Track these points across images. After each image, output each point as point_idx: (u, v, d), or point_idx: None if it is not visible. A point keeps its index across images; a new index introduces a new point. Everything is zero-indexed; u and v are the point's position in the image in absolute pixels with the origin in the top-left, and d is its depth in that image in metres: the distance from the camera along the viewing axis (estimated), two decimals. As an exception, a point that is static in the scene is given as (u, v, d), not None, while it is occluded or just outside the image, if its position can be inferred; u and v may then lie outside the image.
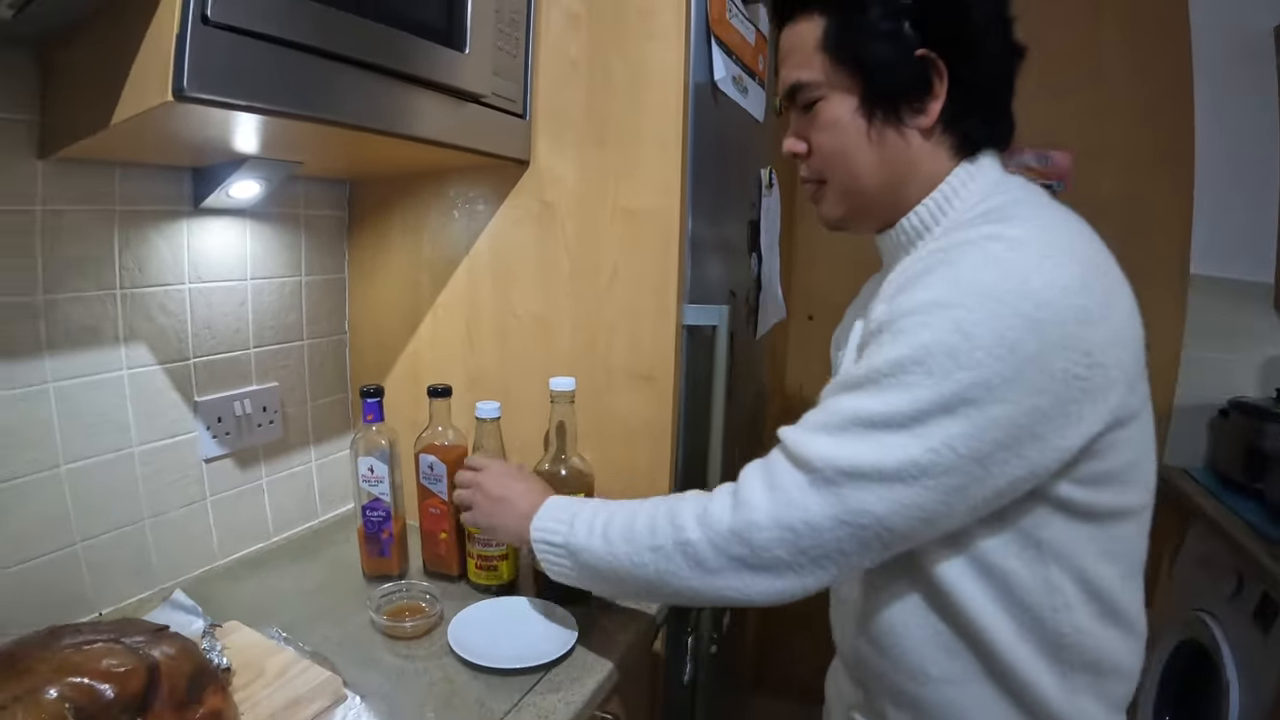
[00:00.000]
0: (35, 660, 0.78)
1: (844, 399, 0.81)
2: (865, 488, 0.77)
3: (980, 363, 0.73)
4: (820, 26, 0.90)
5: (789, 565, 0.82)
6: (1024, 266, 0.75)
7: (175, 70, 0.75)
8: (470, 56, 1.16)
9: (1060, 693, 0.85)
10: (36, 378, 1.14)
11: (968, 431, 0.74)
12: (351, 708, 0.99)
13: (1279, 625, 1.72)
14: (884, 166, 0.92)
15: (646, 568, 0.91)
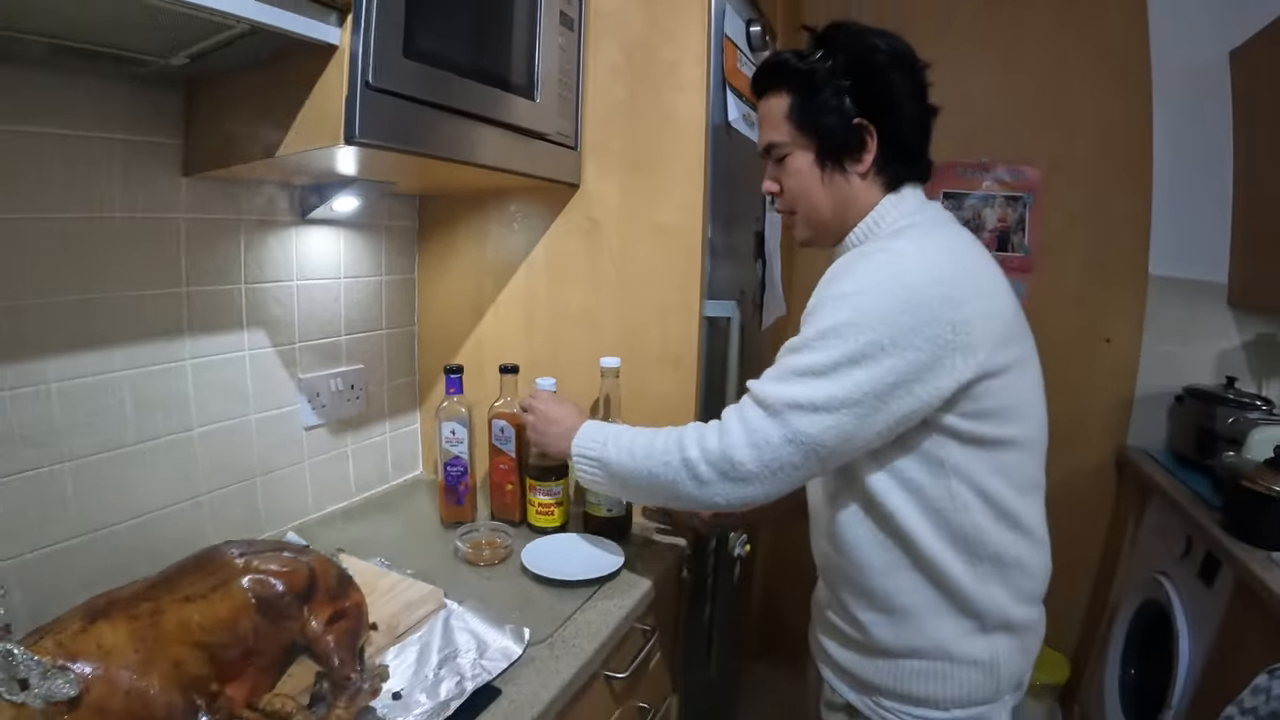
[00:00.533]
0: (221, 562, 1.02)
1: (787, 359, 1.09)
2: (802, 415, 1.04)
3: (873, 329, 1.02)
4: (787, 101, 1.21)
5: (757, 476, 1.08)
6: (901, 266, 1.05)
7: (346, 122, 1.04)
8: (540, 104, 1.46)
9: (970, 578, 1.13)
10: (178, 355, 1.39)
11: (868, 376, 1.02)
12: (453, 610, 1.26)
13: (1219, 578, 1.94)
14: (834, 201, 1.23)
15: (658, 477, 1.17)
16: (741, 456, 1.09)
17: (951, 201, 2.97)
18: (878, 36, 1.18)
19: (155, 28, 1.00)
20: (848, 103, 1.17)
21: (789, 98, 1.21)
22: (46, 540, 1.20)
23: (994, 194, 2.94)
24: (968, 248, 1.16)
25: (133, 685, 0.83)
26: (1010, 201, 2.92)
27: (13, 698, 0.75)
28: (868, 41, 1.18)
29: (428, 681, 1.08)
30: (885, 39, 1.18)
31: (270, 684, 0.99)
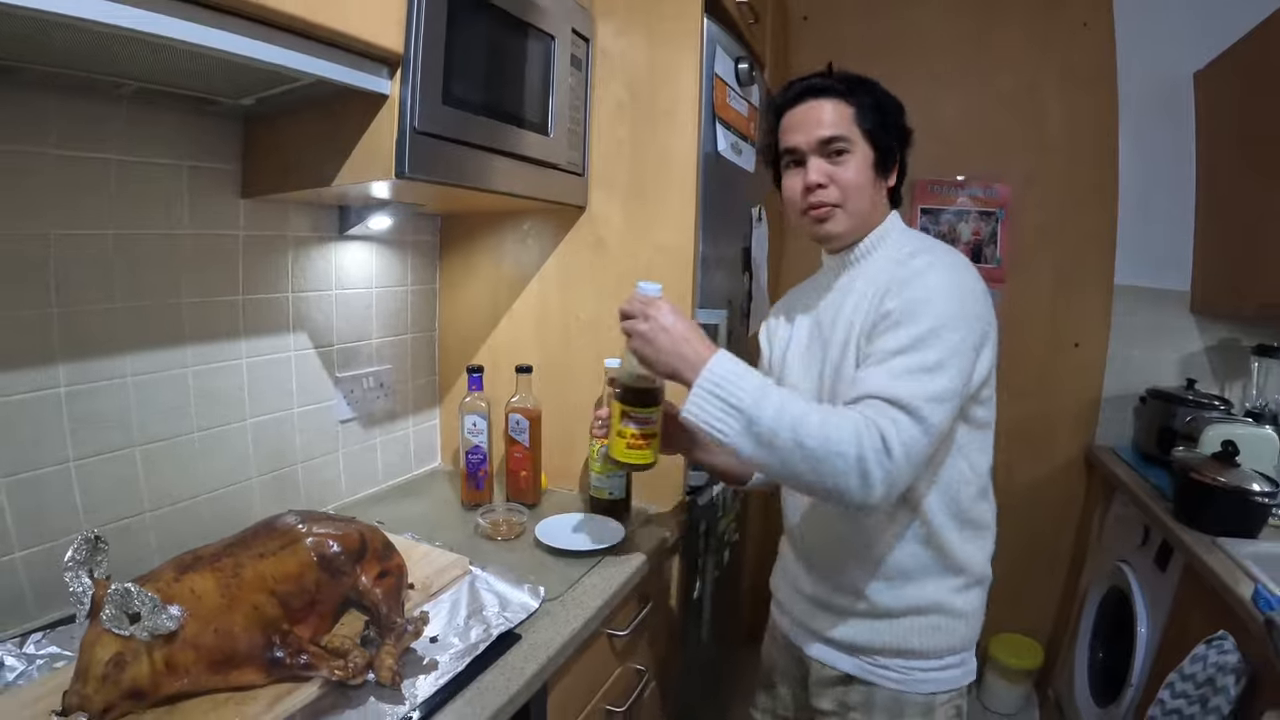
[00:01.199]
0: (285, 527, 1.20)
1: (899, 360, 1.15)
2: (935, 406, 1.13)
3: (958, 327, 1.17)
4: (852, 109, 1.32)
5: (905, 475, 1.11)
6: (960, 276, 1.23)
7: (397, 160, 1.25)
8: (554, 139, 1.68)
9: (959, 541, 1.32)
10: (234, 354, 1.59)
11: (960, 366, 1.17)
12: (477, 574, 1.45)
13: (1173, 563, 2.11)
14: (873, 202, 1.36)
15: (821, 464, 1.08)
16: (897, 455, 1.08)
17: (928, 217, 3.16)
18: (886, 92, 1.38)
19: (231, 77, 1.20)
20: (889, 127, 1.34)
21: (854, 107, 1.33)
22: (124, 513, 1.40)
23: (968, 209, 3.12)
24: None
25: (220, 624, 1.02)
26: (983, 216, 3.10)
27: (121, 631, 0.94)
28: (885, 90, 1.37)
29: (459, 628, 1.27)
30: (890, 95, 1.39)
31: (328, 629, 1.18)
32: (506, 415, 1.88)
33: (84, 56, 1.06)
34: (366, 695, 1.09)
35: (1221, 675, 1.63)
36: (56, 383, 1.28)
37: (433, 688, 1.12)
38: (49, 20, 0.85)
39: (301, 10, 1.08)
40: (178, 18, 0.96)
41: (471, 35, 1.40)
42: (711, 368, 1.13)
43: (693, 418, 1.14)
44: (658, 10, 1.83)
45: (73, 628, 1.18)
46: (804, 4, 3.20)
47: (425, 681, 1.13)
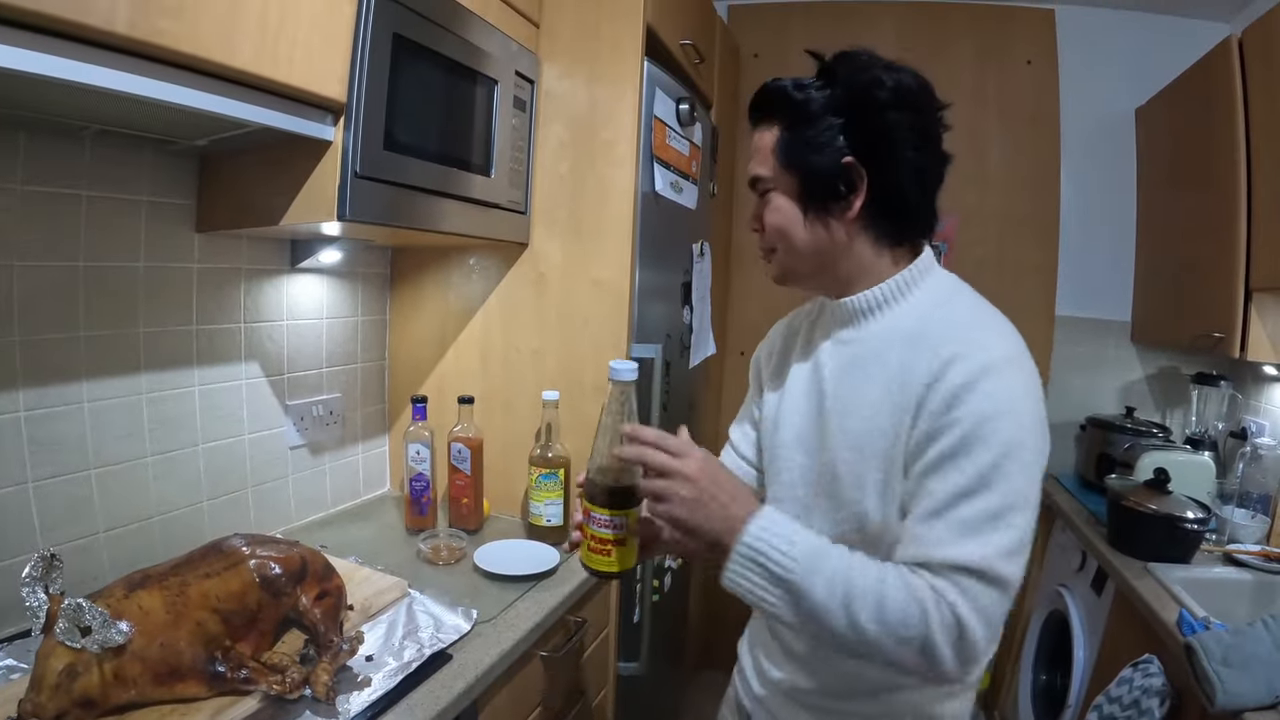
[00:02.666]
0: (230, 548, 1.26)
1: (964, 507, 0.93)
2: (1010, 561, 0.92)
3: (1031, 450, 0.95)
4: (776, 134, 1.09)
5: (993, 644, 0.95)
6: (1030, 383, 0.98)
7: (339, 203, 1.33)
8: (495, 179, 1.75)
9: None
10: (188, 382, 1.65)
11: (1033, 497, 0.95)
12: (415, 596, 1.51)
13: (1107, 588, 2.18)
14: (813, 243, 1.10)
15: (877, 646, 0.93)
16: (978, 635, 0.91)
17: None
18: (887, 70, 1.05)
19: (185, 121, 1.26)
20: (840, 140, 1.05)
21: (779, 130, 1.09)
22: (80, 532, 1.45)
23: (912, 243, 3.17)
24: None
25: (166, 638, 1.07)
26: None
27: (73, 644, 1.00)
28: (872, 74, 1.04)
29: (394, 648, 1.33)
30: (895, 73, 1.05)
31: (269, 646, 1.24)
32: (449, 444, 1.93)
33: (47, 103, 1.13)
34: (303, 709, 1.14)
35: (1146, 698, 1.68)
36: (16, 407, 1.33)
37: (365, 703, 1.18)
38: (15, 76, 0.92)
39: (250, 65, 1.16)
40: (133, 73, 1.02)
41: (415, 82, 1.48)
42: (753, 534, 0.98)
43: (733, 586, 1.00)
44: (600, 54, 1.91)
45: (29, 641, 1.23)
46: (754, 42, 3.30)
47: (359, 697, 1.19)
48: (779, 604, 0.97)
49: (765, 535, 0.98)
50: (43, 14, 0.88)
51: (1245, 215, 2.23)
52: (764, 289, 3.14)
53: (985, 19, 3.13)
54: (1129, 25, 3.06)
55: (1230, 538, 2.24)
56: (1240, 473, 2.37)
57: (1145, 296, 3.04)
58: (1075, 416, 3.11)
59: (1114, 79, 3.08)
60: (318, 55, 1.28)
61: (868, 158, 1.04)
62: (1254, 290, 2.21)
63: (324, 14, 1.28)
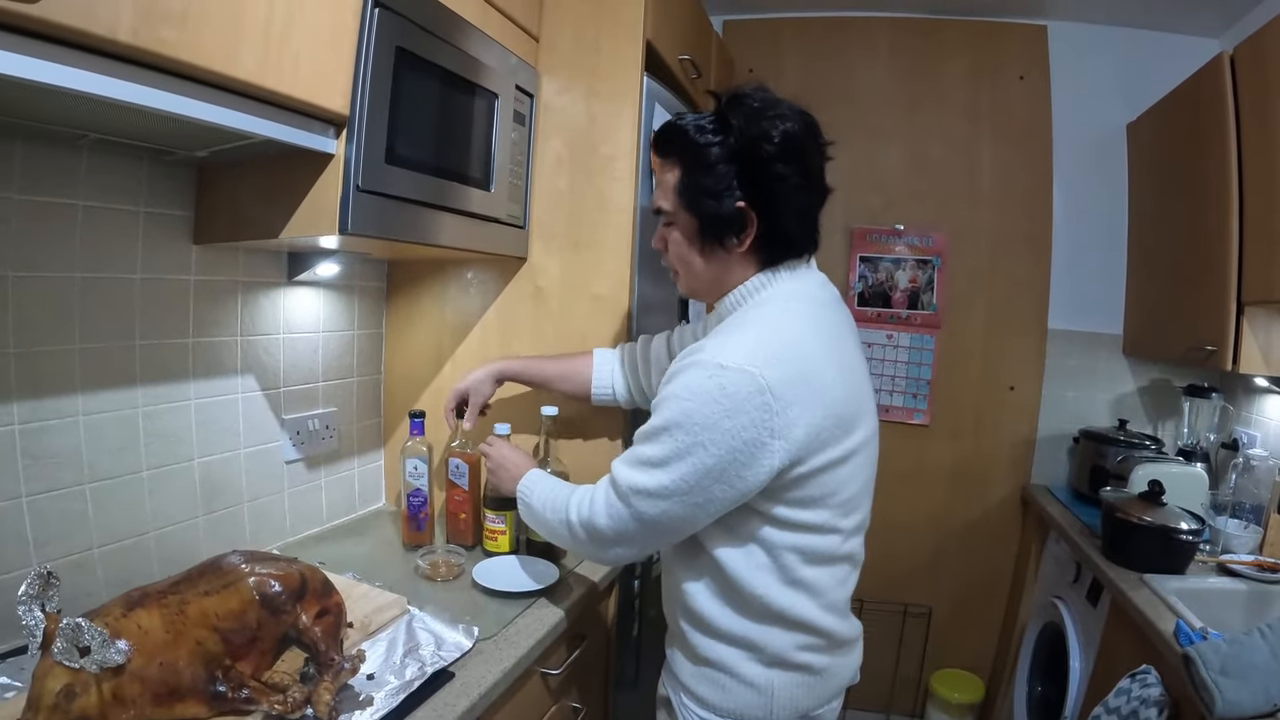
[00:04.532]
0: (229, 565, 1.24)
1: (636, 447, 1.26)
2: (643, 500, 1.23)
3: (698, 432, 1.15)
4: (678, 173, 1.28)
5: (616, 541, 1.29)
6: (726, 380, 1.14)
7: (340, 217, 1.32)
8: (495, 193, 1.75)
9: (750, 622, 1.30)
10: (184, 396, 1.62)
11: (693, 470, 1.17)
12: (415, 614, 1.49)
13: (1102, 600, 2.20)
14: (710, 271, 1.32)
15: (554, 530, 1.42)
16: (601, 525, 1.29)
17: (867, 265, 3.25)
18: (775, 120, 1.20)
19: (185, 132, 1.25)
20: (734, 186, 1.22)
21: (680, 171, 1.27)
22: (74, 548, 1.42)
23: (905, 257, 3.22)
24: (814, 338, 1.24)
25: (165, 658, 1.06)
26: (921, 264, 3.21)
27: (71, 664, 0.98)
28: (760, 126, 1.20)
29: (395, 666, 1.31)
30: (782, 123, 1.20)
31: (269, 665, 1.21)
32: (446, 460, 1.92)
33: (45, 110, 1.11)
34: (304, 730, 1.12)
35: (1144, 708, 1.69)
36: (10, 420, 1.31)
37: (367, 723, 1.16)
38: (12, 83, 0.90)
39: (253, 76, 1.15)
40: (135, 82, 1.01)
41: (417, 96, 1.47)
42: (521, 482, 1.52)
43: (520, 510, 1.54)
44: (599, 69, 1.92)
45: (22, 659, 1.21)
46: (749, 57, 3.31)
47: (361, 717, 1.17)
48: (525, 513, 1.51)
49: (525, 484, 1.51)
50: (46, 21, 0.87)
51: (1237, 229, 2.25)
52: None
53: (978, 34, 3.15)
54: (1120, 41, 3.08)
55: (1224, 548, 2.25)
56: (1233, 484, 2.40)
57: (1137, 310, 3.06)
58: (1068, 429, 3.12)
59: (1105, 94, 3.10)
60: (321, 67, 1.27)
61: (757, 202, 1.23)
62: (1245, 304, 2.23)
63: (327, 26, 1.27)
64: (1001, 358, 3.19)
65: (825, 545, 1.29)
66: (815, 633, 1.32)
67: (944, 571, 3.25)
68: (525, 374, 1.85)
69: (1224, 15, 2.84)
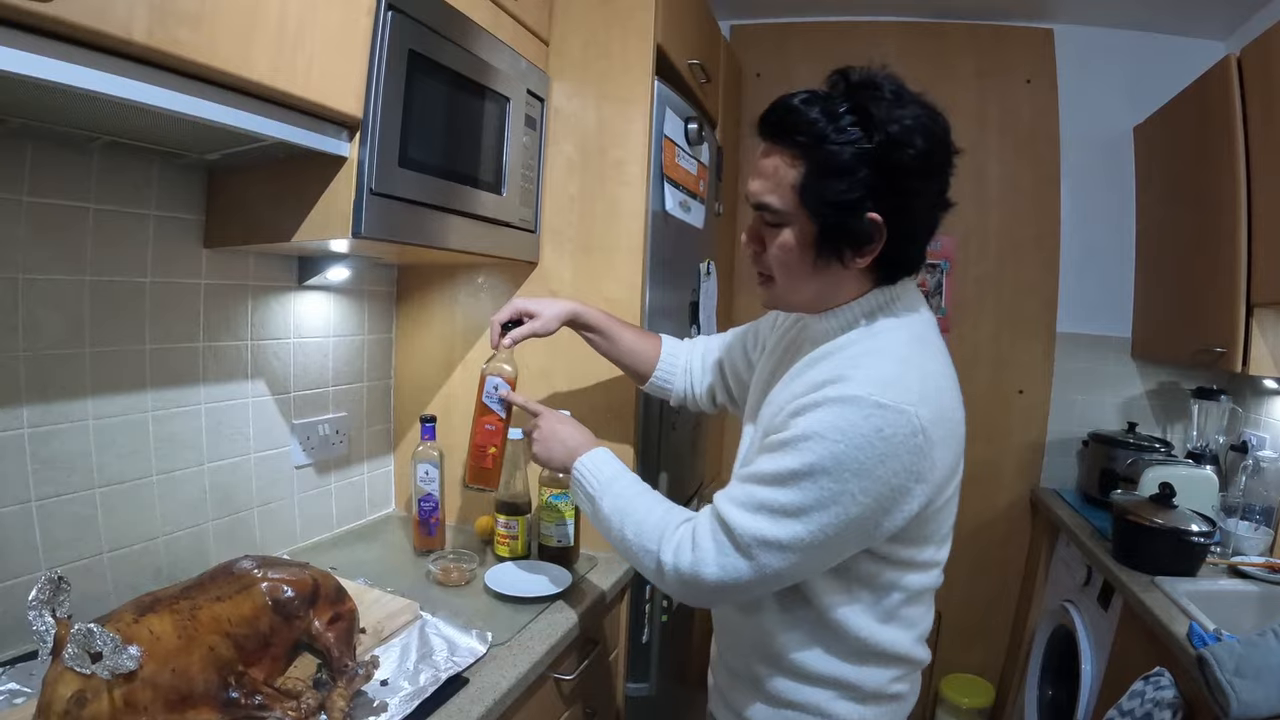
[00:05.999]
0: (241, 570, 1.23)
1: (760, 491, 1.08)
2: (770, 553, 1.06)
3: (849, 480, 1.01)
4: (799, 170, 1.06)
5: (715, 593, 1.13)
6: (885, 420, 1.00)
7: (354, 220, 1.31)
8: (507, 197, 1.74)
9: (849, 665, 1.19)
10: (194, 400, 1.62)
11: (835, 521, 1.03)
12: (427, 619, 1.48)
13: (1114, 603, 2.19)
14: (818, 287, 1.14)
15: (636, 556, 1.21)
16: (708, 576, 1.10)
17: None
18: (916, 121, 1.03)
19: (197, 134, 1.25)
20: (868, 196, 1.04)
21: (803, 167, 1.06)
22: (83, 553, 1.41)
23: (914, 261, 3.20)
24: (943, 369, 1.13)
25: (178, 664, 1.05)
26: (929, 268, 3.21)
27: (83, 670, 0.97)
28: (903, 126, 1.02)
29: (409, 672, 1.31)
30: (922, 125, 1.03)
31: (282, 671, 1.20)
32: (482, 379, 1.57)
33: (59, 111, 1.11)
34: (318, 736, 1.11)
35: (1159, 710, 1.68)
36: (20, 424, 1.30)
37: (382, 729, 1.15)
38: (29, 83, 0.90)
39: (267, 78, 1.14)
40: (150, 83, 1.01)
41: (429, 99, 1.47)
42: (586, 461, 1.34)
43: (572, 496, 1.43)
44: (610, 73, 1.91)
45: (31, 664, 1.20)
46: (757, 61, 3.32)
47: (375, 723, 1.16)
48: (589, 509, 1.32)
49: (585, 465, 1.33)
50: (61, 20, 0.86)
51: (1246, 231, 2.25)
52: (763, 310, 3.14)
53: (985, 38, 3.16)
54: (1126, 44, 3.09)
55: (1235, 550, 2.25)
56: (1242, 486, 2.39)
57: (1145, 312, 3.06)
58: (1077, 432, 3.12)
59: (1112, 97, 3.11)
60: (334, 70, 1.26)
61: (889, 214, 1.05)
62: (1255, 305, 2.23)
63: (341, 29, 1.27)
64: (1010, 361, 3.19)
65: (927, 580, 1.21)
66: (910, 664, 1.25)
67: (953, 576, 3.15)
68: (599, 327, 1.66)
69: (1229, 18, 2.85)
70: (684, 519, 1.20)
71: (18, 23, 0.85)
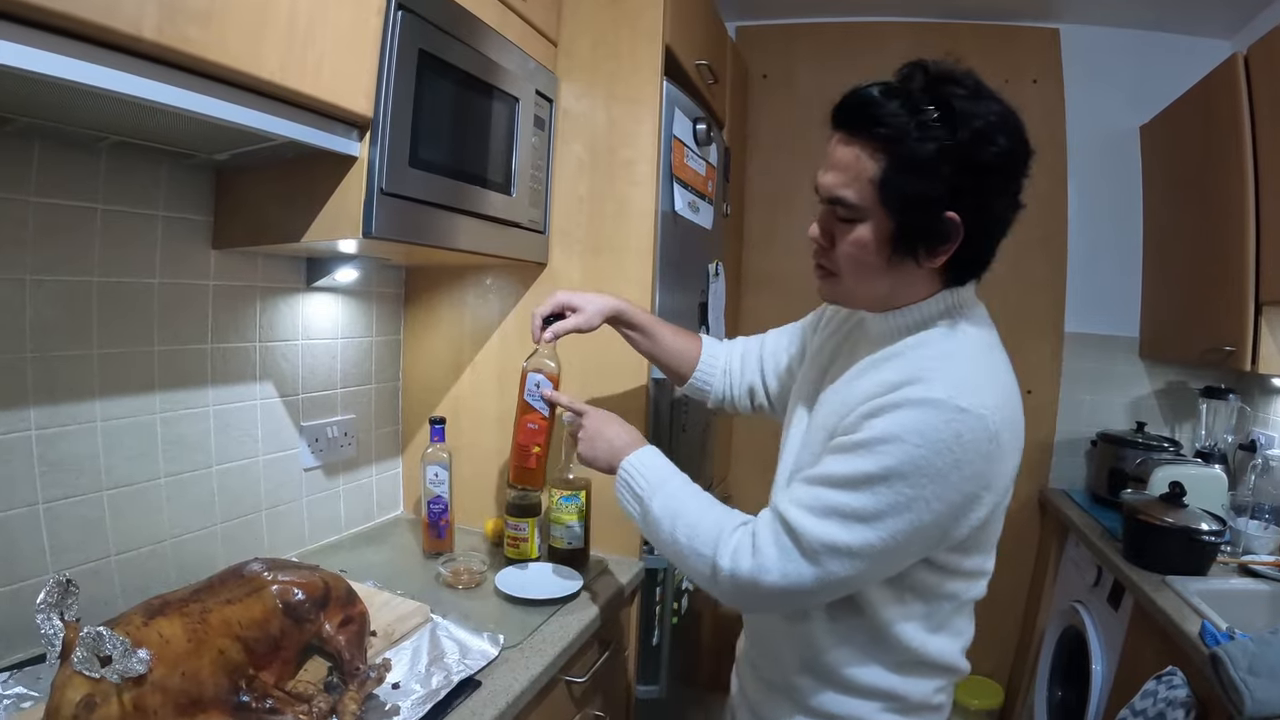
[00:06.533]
0: (251, 573, 1.22)
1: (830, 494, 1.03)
2: (838, 560, 1.02)
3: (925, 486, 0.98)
4: (879, 164, 1.02)
5: (771, 598, 1.09)
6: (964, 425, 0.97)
7: (364, 220, 1.30)
8: (516, 198, 1.74)
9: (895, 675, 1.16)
10: (202, 402, 1.61)
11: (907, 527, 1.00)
12: (438, 622, 1.47)
13: (1124, 602, 2.18)
14: (889, 285, 1.10)
15: (687, 560, 1.16)
16: (769, 581, 1.06)
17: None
18: (997, 118, 1.00)
19: (206, 134, 1.24)
20: (947, 194, 1.00)
21: (883, 161, 1.02)
22: (91, 556, 1.41)
23: (922, 260, 3.18)
24: (1009, 373, 1.12)
25: (188, 667, 1.04)
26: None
27: (92, 674, 0.96)
28: (986, 122, 0.99)
29: (421, 675, 1.30)
30: (1004, 132, 1.00)
31: (292, 674, 1.19)
32: (524, 375, 1.52)
33: (67, 110, 1.10)
34: (330, 740, 1.10)
35: (1171, 710, 1.68)
36: (27, 426, 1.29)
37: (395, 733, 1.14)
38: (38, 80, 0.89)
39: (277, 76, 1.13)
40: (160, 81, 1.00)
41: (439, 99, 1.46)
42: (633, 461, 1.30)
43: (618, 496, 1.31)
44: (619, 73, 1.91)
45: (39, 668, 1.19)
46: (763, 63, 3.31)
47: (388, 727, 1.15)
48: (635, 512, 1.27)
49: (633, 465, 1.29)
50: (70, 16, 0.86)
51: (1254, 228, 2.25)
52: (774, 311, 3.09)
53: (991, 38, 3.14)
54: (1132, 43, 3.08)
55: (1245, 549, 2.24)
56: (1251, 485, 2.39)
57: (1153, 312, 3.05)
58: (1085, 432, 3.11)
59: (1118, 97, 3.10)
60: (344, 69, 1.26)
61: (967, 213, 1.01)
62: (1263, 304, 2.23)
63: (351, 27, 1.26)
64: (1018, 361, 3.04)
65: (975, 590, 1.18)
66: (954, 674, 1.22)
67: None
68: (642, 325, 1.59)
69: (1235, 17, 2.85)
70: (740, 521, 1.16)
71: (26, 19, 0.84)
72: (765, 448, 2.94)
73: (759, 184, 3.33)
